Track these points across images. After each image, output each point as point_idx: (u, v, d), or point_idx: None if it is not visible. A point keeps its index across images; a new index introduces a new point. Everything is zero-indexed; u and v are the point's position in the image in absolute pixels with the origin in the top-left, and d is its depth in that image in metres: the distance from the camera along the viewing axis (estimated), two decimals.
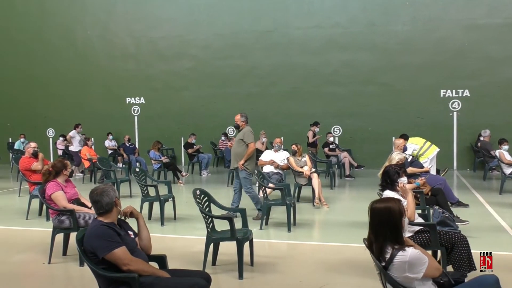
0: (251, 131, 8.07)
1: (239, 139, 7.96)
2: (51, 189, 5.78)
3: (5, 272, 5.44)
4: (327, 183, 11.62)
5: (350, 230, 7.17)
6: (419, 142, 9.81)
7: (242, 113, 8.14)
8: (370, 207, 3.31)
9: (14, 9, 18.45)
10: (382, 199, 3.35)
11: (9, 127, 18.19)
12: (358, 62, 15.43)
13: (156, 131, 16.65)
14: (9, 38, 18.47)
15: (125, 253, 3.37)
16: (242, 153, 7.87)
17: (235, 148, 8.04)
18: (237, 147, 7.98)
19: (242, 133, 7.99)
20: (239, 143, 7.95)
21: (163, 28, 17.13)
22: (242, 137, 7.93)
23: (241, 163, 7.80)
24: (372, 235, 3.24)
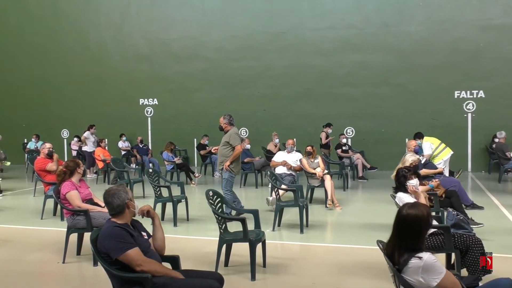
0: (237, 134, 8.15)
1: (225, 141, 8.02)
2: (66, 188, 5.84)
3: (20, 271, 5.51)
4: (340, 184, 11.57)
5: (363, 232, 7.13)
6: (435, 142, 9.73)
7: (225, 115, 8.21)
8: (399, 210, 3.25)
9: (29, 12, 18.67)
10: (414, 204, 3.28)
11: (24, 128, 18.39)
12: (371, 63, 15.35)
13: (169, 132, 16.72)
14: (24, 40, 18.69)
15: (138, 254, 3.39)
16: (228, 155, 7.94)
17: (220, 150, 8.10)
18: (222, 150, 8.04)
19: (228, 136, 8.03)
20: (225, 145, 8.01)
21: (177, 29, 17.22)
22: (228, 139, 7.98)
23: (227, 164, 7.85)
24: (393, 238, 3.19)
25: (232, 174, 7.97)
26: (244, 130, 16.59)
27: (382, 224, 7.30)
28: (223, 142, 8.06)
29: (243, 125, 16.67)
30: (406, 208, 3.19)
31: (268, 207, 8.68)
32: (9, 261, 5.90)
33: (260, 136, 15.86)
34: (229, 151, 7.95)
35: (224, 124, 8.13)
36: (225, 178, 7.91)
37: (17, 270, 5.55)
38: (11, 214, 9.08)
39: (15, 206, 10.00)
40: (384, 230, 6.66)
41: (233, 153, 7.93)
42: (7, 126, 18.66)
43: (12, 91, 18.91)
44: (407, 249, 3.08)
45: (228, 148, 7.96)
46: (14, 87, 18.90)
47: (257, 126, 16.50)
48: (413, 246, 3.08)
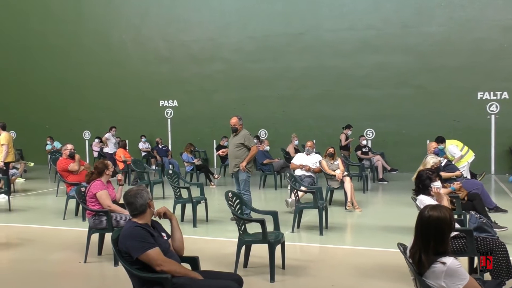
0: (250, 134, 8.14)
1: (239, 143, 7.91)
2: (97, 188, 5.91)
3: (43, 270, 5.60)
4: (360, 186, 11.48)
5: (383, 235, 7.06)
6: (459, 145, 9.59)
7: (238, 115, 8.09)
8: (421, 212, 3.20)
9: (52, 15, 18.98)
10: (435, 207, 3.22)
11: (47, 129, 18.70)
12: (391, 64, 15.21)
13: (188, 134, 16.82)
14: (47, 43, 19.01)
15: (158, 254, 3.42)
16: (243, 156, 7.88)
17: (234, 152, 7.95)
18: (237, 151, 7.93)
19: (242, 137, 7.95)
20: (239, 146, 7.91)
21: (196, 31, 17.32)
22: (242, 141, 7.91)
23: (243, 164, 7.80)
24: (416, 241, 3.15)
25: (249, 174, 7.96)
26: (263, 132, 16.60)
27: (403, 227, 7.23)
28: (235, 144, 7.95)
29: (261, 127, 16.69)
30: (428, 210, 3.14)
31: (287, 208, 8.66)
32: (33, 260, 6.00)
33: (278, 138, 15.84)
34: (244, 152, 7.90)
35: (239, 125, 8.04)
36: (243, 179, 7.89)
37: (40, 269, 5.64)
38: (35, 214, 9.24)
39: (38, 206, 10.17)
40: (404, 233, 6.60)
41: (250, 153, 7.90)
42: (30, 128, 19.02)
43: (35, 93, 19.24)
44: (432, 252, 3.02)
45: (242, 149, 7.91)
46: (37, 89, 19.22)
47: (276, 128, 16.48)
48: (438, 249, 3.02)
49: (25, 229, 7.84)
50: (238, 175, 7.95)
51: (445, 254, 3.00)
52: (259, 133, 16.50)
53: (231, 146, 8.05)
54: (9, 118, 18.72)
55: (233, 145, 7.99)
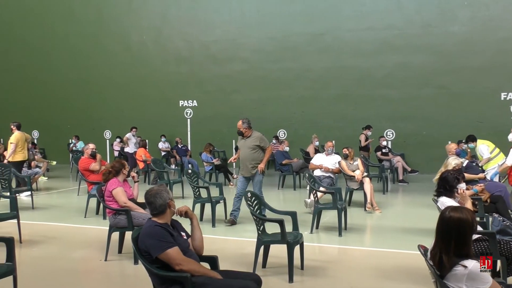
0: (263, 135, 8.04)
1: (254, 145, 7.77)
2: (112, 185, 5.99)
3: (66, 268, 5.68)
4: (380, 187, 11.39)
5: (403, 236, 6.99)
6: (490, 145, 9.40)
7: (243, 119, 7.88)
8: (441, 214, 3.15)
9: (74, 17, 19.26)
10: (456, 208, 3.17)
11: (69, 129, 18.99)
12: (413, 64, 15.05)
13: (208, 134, 16.90)
14: (69, 44, 19.28)
15: (178, 253, 3.44)
16: (259, 157, 7.79)
17: (251, 155, 7.76)
18: (253, 154, 7.76)
19: (257, 139, 7.80)
20: (255, 149, 7.78)
21: (216, 32, 17.39)
22: (258, 143, 7.77)
23: (263, 166, 7.74)
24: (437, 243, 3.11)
25: (263, 175, 7.93)
26: (282, 132, 16.59)
27: (423, 229, 7.15)
28: (250, 146, 7.77)
29: (281, 127, 16.68)
30: (448, 211, 3.09)
31: (306, 209, 8.64)
32: (55, 258, 6.10)
33: (298, 138, 15.81)
34: (260, 154, 7.82)
35: (244, 129, 7.83)
36: (259, 180, 7.83)
37: (63, 267, 5.73)
38: (57, 212, 9.39)
39: (60, 204, 10.33)
40: (425, 235, 6.53)
41: (266, 154, 7.85)
42: (52, 127, 19.35)
43: (58, 93, 19.55)
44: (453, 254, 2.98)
45: (258, 151, 7.81)
46: (60, 90, 19.52)
47: (295, 128, 16.45)
48: (459, 251, 2.97)
49: (47, 227, 7.98)
50: (254, 177, 7.84)
51: (468, 256, 2.96)
52: (278, 133, 16.50)
53: (244, 149, 7.83)
54: (32, 118, 19.18)
55: (247, 148, 7.80)
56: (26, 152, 11.16)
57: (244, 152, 7.83)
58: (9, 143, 11.09)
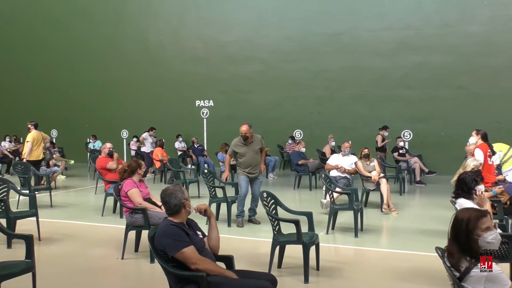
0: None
1: (258, 148, 7.85)
2: (128, 186, 6.05)
3: (83, 266, 5.75)
4: (396, 188, 11.29)
5: (420, 238, 6.92)
6: (503, 148, 9.25)
7: (247, 123, 7.91)
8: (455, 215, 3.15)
9: (93, 18, 19.47)
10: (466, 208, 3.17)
11: (87, 128, 19.20)
12: (431, 64, 14.89)
13: (224, 134, 16.87)
14: (87, 45, 19.48)
15: (193, 252, 3.45)
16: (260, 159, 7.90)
17: (255, 158, 7.80)
18: (257, 157, 7.84)
19: (259, 142, 7.91)
20: (257, 152, 7.86)
21: (233, 32, 17.42)
22: (261, 145, 7.90)
23: (264, 167, 7.89)
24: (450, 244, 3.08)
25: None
26: (298, 132, 16.56)
27: (441, 231, 7.06)
28: (255, 150, 7.81)
29: (297, 127, 16.65)
30: (462, 212, 3.12)
31: (322, 210, 8.61)
32: (73, 255, 6.18)
33: (314, 138, 15.76)
34: (259, 156, 7.91)
35: (250, 134, 7.84)
36: (261, 180, 7.93)
37: (80, 264, 5.80)
38: (75, 210, 9.50)
39: (78, 202, 10.46)
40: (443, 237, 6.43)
41: (263, 155, 7.99)
42: (71, 127, 19.59)
43: (76, 93, 19.78)
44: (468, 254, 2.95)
45: (259, 153, 7.91)
46: (78, 90, 19.75)
47: (311, 128, 16.41)
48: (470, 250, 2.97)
49: (65, 225, 8.08)
50: (258, 178, 7.87)
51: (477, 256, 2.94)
52: (294, 133, 16.47)
53: (250, 153, 7.76)
54: (50, 117, 19.45)
55: (252, 152, 7.78)
56: (40, 151, 11.27)
57: (249, 157, 7.79)
58: (25, 142, 11.25)
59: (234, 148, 7.92)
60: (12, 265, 4.27)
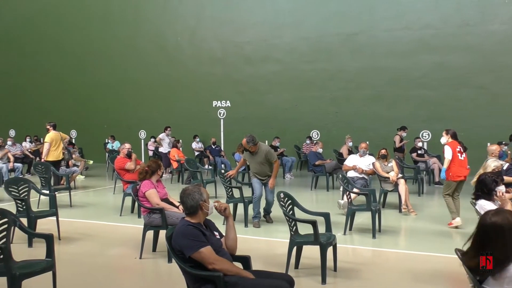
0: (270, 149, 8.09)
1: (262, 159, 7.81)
2: (146, 187, 6.10)
3: (102, 265, 5.82)
4: (415, 189, 11.18)
5: (440, 239, 6.84)
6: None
7: (247, 136, 7.78)
8: (482, 218, 3.04)
9: (111, 19, 19.68)
10: (498, 211, 3.06)
11: (105, 129, 19.40)
12: (450, 64, 14.71)
13: (241, 134, 16.79)
14: (105, 46, 19.70)
15: (210, 252, 3.46)
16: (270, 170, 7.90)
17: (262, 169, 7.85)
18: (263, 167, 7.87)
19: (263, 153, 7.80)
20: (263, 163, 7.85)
21: (249, 32, 17.45)
22: (264, 156, 7.81)
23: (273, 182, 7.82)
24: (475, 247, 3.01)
25: None
26: (315, 133, 16.51)
27: (460, 232, 6.99)
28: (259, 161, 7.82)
29: (314, 128, 16.59)
30: (490, 216, 2.99)
31: (340, 210, 8.56)
32: (92, 254, 6.25)
33: (331, 139, 15.70)
34: (270, 166, 7.92)
35: (250, 147, 7.79)
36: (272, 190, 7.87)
37: (99, 263, 5.86)
38: (93, 210, 9.61)
39: (97, 202, 10.58)
40: (462, 238, 6.37)
41: (275, 169, 7.91)
42: (90, 127, 19.82)
43: (94, 94, 20.01)
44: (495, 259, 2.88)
45: (267, 164, 7.89)
46: (96, 90, 19.98)
47: (328, 129, 16.34)
48: (500, 256, 2.88)
49: (84, 225, 8.17)
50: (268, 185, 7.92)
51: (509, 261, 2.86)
52: (311, 134, 16.42)
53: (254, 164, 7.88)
54: (71, 118, 19.73)
55: (256, 163, 7.87)
56: (60, 151, 11.42)
57: (254, 167, 7.91)
58: (44, 142, 11.40)
59: (244, 155, 8.19)
60: (33, 263, 4.34)
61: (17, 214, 6.35)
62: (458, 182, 7.64)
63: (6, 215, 4.43)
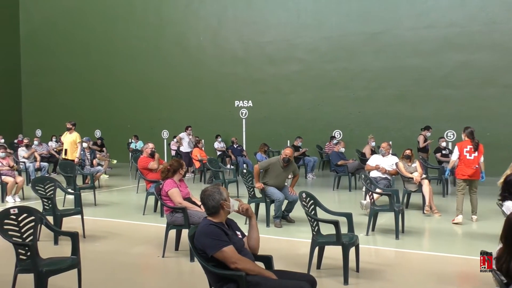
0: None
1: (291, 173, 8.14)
2: (168, 186, 6.15)
3: (125, 263, 5.89)
4: (439, 190, 11.02)
5: (465, 241, 6.74)
6: None
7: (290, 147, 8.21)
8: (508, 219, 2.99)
9: (134, 20, 19.92)
10: None
11: (129, 129, 19.64)
12: (476, 62, 14.45)
13: (263, 134, 16.97)
14: (130, 46, 19.98)
15: (233, 251, 3.47)
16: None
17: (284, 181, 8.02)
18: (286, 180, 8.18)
19: (294, 168, 8.19)
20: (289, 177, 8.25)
21: (271, 32, 17.44)
22: (296, 170, 8.26)
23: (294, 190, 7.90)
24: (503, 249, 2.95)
25: None
26: (337, 133, 16.41)
27: (486, 234, 6.87)
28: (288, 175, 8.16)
29: (336, 127, 16.49)
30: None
31: (362, 211, 8.50)
32: (116, 253, 6.34)
33: (353, 139, 15.59)
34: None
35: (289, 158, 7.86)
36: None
37: (122, 261, 5.94)
38: (117, 209, 9.74)
39: (120, 201, 10.71)
40: (488, 240, 6.26)
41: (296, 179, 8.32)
42: (113, 127, 20.10)
43: (118, 94, 20.29)
44: None
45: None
46: (120, 91, 20.25)
47: (351, 129, 16.23)
48: None
49: (108, 223, 8.29)
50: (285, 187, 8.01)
51: None
52: (334, 133, 16.32)
53: (282, 177, 7.89)
54: (95, 118, 20.04)
55: (285, 177, 8.00)
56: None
57: (280, 180, 7.89)
58: (75, 143, 11.64)
59: (271, 165, 7.87)
60: (59, 261, 4.42)
61: (44, 212, 6.46)
62: (469, 180, 7.84)
63: (33, 213, 4.52)
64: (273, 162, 7.91)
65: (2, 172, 10.32)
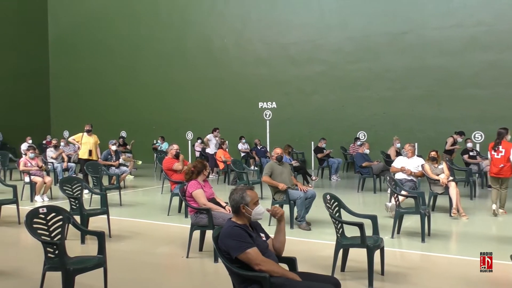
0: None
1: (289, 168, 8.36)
2: (192, 187, 6.19)
3: (150, 262, 5.95)
4: (466, 192, 10.82)
5: (493, 245, 6.57)
6: None
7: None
8: None
9: (159, 23, 20.15)
10: None
11: (154, 130, 19.86)
12: (504, 62, 14.15)
13: (287, 135, 16.95)
14: (155, 48, 20.22)
15: (257, 253, 3.47)
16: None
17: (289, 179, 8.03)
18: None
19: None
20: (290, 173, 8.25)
21: (295, 33, 17.41)
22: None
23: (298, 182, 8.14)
24: None
25: None
26: (362, 134, 16.28)
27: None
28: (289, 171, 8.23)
29: (360, 129, 16.36)
30: None
31: (387, 213, 8.41)
32: (140, 252, 6.41)
33: (378, 140, 15.43)
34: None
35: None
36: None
37: (147, 261, 6.00)
38: (142, 209, 9.86)
39: (145, 202, 10.83)
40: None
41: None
42: (139, 128, 20.36)
43: (143, 95, 20.56)
44: None
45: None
46: (145, 92, 20.52)
47: (376, 130, 16.07)
48: None
49: (134, 223, 8.40)
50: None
51: None
52: (358, 135, 16.19)
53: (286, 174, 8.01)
54: (121, 119, 20.33)
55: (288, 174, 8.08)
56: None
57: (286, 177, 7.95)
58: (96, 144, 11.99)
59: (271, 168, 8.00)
60: (86, 260, 4.50)
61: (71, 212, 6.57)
62: (498, 177, 8.47)
63: (60, 212, 4.61)
64: (271, 165, 8.08)
65: (31, 172, 10.58)
